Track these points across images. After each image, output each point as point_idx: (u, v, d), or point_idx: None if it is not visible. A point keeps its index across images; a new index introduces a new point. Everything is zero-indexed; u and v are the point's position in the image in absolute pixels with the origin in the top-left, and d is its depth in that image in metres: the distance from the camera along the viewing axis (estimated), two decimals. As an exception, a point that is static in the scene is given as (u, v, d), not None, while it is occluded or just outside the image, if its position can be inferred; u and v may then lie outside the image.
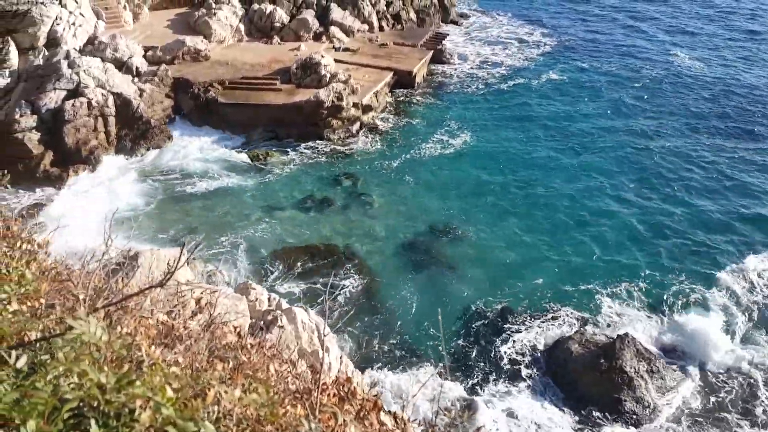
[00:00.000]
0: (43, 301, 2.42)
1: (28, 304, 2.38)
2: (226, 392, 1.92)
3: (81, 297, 2.75)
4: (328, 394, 3.20)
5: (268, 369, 2.86)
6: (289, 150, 30.14)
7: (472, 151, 30.94)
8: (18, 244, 3.04)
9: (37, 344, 2.36)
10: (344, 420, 2.24)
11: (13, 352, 1.80)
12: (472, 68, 40.86)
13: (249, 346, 3.17)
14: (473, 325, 20.15)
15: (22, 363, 1.77)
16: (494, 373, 18.48)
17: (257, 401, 1.94)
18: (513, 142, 31.89)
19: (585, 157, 30.53)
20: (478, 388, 17.96)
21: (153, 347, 2.24)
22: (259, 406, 1.96)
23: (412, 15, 44.96)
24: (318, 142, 30.78)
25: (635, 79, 40.02)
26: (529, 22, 49.88)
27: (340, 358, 15.72)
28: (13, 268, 2.71)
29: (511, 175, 28.89)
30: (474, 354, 19.10)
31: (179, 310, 4.04)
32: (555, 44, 45.37)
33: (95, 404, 1.80)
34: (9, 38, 29.42)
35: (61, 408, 1.62)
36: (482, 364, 18.78)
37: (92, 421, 1.63)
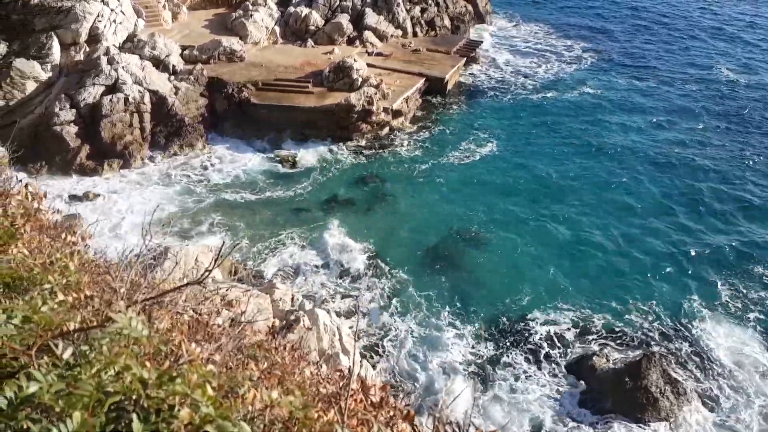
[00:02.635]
0: (88, 293, 2.47)
1: (74, 295, 2.43)
2: (265, 394, 1.92)
3: (122, 290, 2.79)
4: (356, 400, 3.19)
5: (302, 372, 2.86)
6: (318, 153, 30.35)
7: (501, 160, 30.72)
8: (63, 235, 3.10)
9: (76, 335, 2.41)
10: (379, 428, 2.22)
11: (60, 343, 1.83)
12: (505, 77, 40.58)
13: (282, 347, 3.18)
14: (495, 336, 19.94)
15: (68, 354, 1.80)
16: (516, 387, 18.23)
17: (293, 404, 1.94)
18: (542, 154, 31.55)
19: (616, 172, 30.00)
20: (500, 399, 17.75)
21: (193, 345, 2.26)
22: (295, 408, 1.95)
23: (447, 22, 44.90)
24: (347, 145, 30.94)
25: (674, 94, 39.16)
26: (566, 34, 49.16)
27: (360, 362, 15.72)
28: (57, 259, 2.77)
29: (539, 185, 28.58)
30: (496, 366, 18.89)
31: (211, 307, 4.07)
32: (592, 57, 44.59)
33: (135, 399, 1.82)
34: (53, 34, 30.26)
35: (105, 401, 1.63)
36: (504, 376, 18.55)
37: (134, 416, 1.65)
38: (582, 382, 18.48)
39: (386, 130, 32.45)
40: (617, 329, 20.44)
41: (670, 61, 44.83)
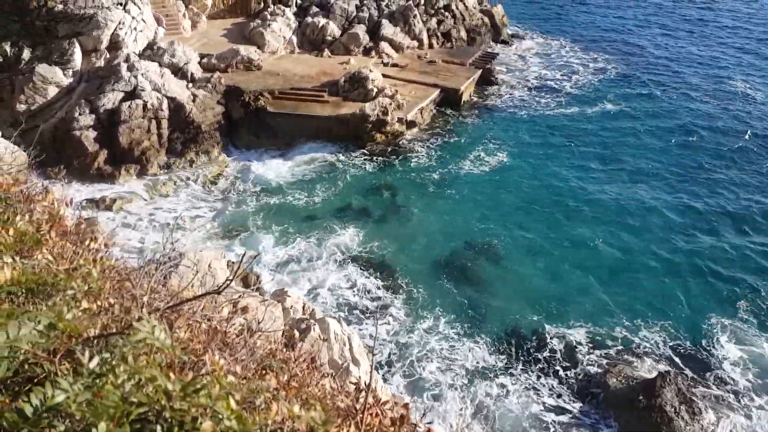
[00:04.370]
0: (112, 301, 2.48)
1: (98, 303, 2.44)
2: (286, 407, 1.91)
3: (144, 299, 2.80)
4: (371, 414, 3.16)
5: (321, 384, 2.84)
6: (330, 161, 30.47)
7: (515, 172, 30.61)
8: (87, 242, 3.13)
9: (96, 341, 2.41)
10: (400, 446, 2.19)
11: (87, 352, 1.84)
12: (520, 90, 40.51)
13: (301, 359, 3.16)
14: (508, 350, 19.76)
15: (94, 363, 1.80)
16: (528, 403, 18.02)
17: (316, 419, 1.92)
18: (559, 167, 31.38)
19: (634, 187, 29.74)
20: (512, 415, 17.56)
21: (216, 356, 2.25)
22: (315, 424, 1.94)
23: (463, 34, 45.03)
24: (360, 154, 31.04)
25: (698, 109, 38.71)
26: (588, 47, 48.79)
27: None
28: (80, 266, 2.79)
29: (554, 199, 28.40)
30: (508, 381, 18.70)
31: (228, 316, 4.08)
32: (612, 71, 44.16)
33: (158, 410, 1.82)
34: (75, 40, 30.78)
35: (131, 412, 1.63)
36: (516, 391, 18.35)
37: (158, 428, 1.64)
38: (595, 399, 18.24)
39: (400, 140, 32.53)
40: (632, 346, 20.17)
41: (696, 75, 44.27)
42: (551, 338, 20.23)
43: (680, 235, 26.13)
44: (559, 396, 18.28)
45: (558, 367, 19.22)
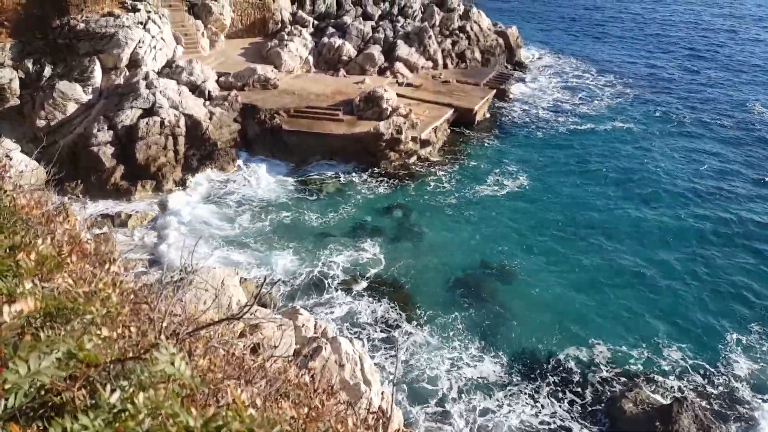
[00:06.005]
0: (134, 329, 2.44)
1: (119, 331, 2.40)
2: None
3: (163, 324, 2.76)
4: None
5: (341, 413, 2.77)
6: (345, 180, 30.55)
7: (528, 193, 30.44)
8: (107, 266, 3.11)
9: (114, 366, 2.37)
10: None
11: (108, 386, 1.79)
12: (534, 110, 40.53)
13: (322, 390, 3.09)
14: (522, 372, 19.45)
15: (115, 398, 1.76)
16: (539, 429, 17.67)
17: (339, 458, 1.85)
18: (572, 189, 31.17)
19: (651, 211, 29.38)
20: (522, 440, 17.24)
21: (234, 384, 2.20)
22: (339, 462, 1.87)
23: (477, 54, 45.28)
24: (374, 173, 31.10)
25: (715, 133, 38.33)
26: (602, 69, 48.69)
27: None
28: (99, 290, 2.76)
29: (569, 221, 28.15)
30: (520, 403, 18.38)
31: (245, 342, 4.02)
32: (630, 94, 43.86)
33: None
34: (95, 58, 31.37)
35: (152, 450, 1.58)
36: (529, 415, 18.02)
37: (179, 467, 1.59)
38: (611, 424, 17.84)
39: (414, 159, 32.58)
40: (649, 368, 19.78)
41: (717, 100, 43.83)
42: (566, 360, 19.90)
43: (698, 256, 25.73)
44: (573, 420, 17.91)
45: (572, 390, 18.86)
